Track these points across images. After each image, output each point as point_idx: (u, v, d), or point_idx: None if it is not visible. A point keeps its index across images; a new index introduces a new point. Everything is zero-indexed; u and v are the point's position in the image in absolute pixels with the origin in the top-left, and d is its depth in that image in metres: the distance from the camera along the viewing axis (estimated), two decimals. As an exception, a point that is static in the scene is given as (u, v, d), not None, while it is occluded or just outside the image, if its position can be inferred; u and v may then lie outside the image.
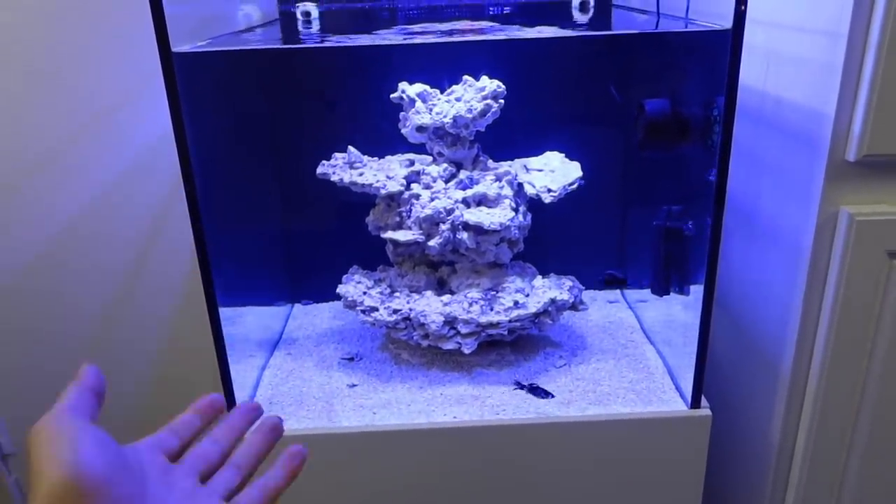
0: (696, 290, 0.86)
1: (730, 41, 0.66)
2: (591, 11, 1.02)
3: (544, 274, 0.94)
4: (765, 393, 0.87)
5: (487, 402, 0.84)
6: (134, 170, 1.09)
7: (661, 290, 0.88)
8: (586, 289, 0.95)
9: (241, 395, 0.81)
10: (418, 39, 0.90)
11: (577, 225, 1.03)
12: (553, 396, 0.84)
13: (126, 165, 1.09)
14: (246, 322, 0.96)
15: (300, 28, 1.00)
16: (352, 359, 0.94)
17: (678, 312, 0.97)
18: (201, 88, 0.80)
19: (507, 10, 1.07)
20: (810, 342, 0.80)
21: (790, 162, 0.79)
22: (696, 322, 0.80)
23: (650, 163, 0.93)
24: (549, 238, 1.00)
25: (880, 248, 0.73)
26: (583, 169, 0.89)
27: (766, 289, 0.86)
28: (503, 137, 0.92)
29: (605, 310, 1.06)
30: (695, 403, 0.81)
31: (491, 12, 1.08)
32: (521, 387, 0.86)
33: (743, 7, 0.64)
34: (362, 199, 0.92)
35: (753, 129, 0.86)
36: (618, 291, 1.11)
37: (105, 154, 1.07)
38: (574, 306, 0.91)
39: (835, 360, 0.78)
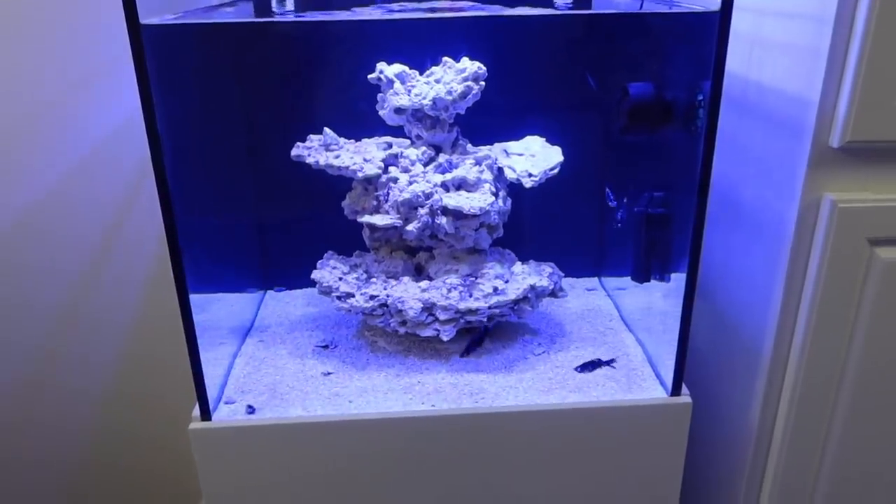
0: (677, 278, 0.86)
1: (717, 24, 0.65)
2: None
3: (523, 260, 0.92)
4: (744, 380, 0.87)
5: (465, 389, 0.82)
6: (95, 154, 1.05)
7: (641, 277, 0.87)
8: (565, 276, 0.94)
9: (211, 383, 0.78)
10: (397, 15, 0.88)
11: (555, 211, 1.01)
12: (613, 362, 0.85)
13: (87, 150, 1.04)
14: (216, 309, 0.93)
15: (274, 6, 0.96)
16: (326, 346, 0.92)
17: (657, 300, 0.97)
18: (170, 65, 0.77)
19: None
20: (790, 329, 0.80)
21: (773, 148, 0.79)
22: (676, 310, 0.79)
23: (631, 148, 0.92)
24: (528, 224, 0.99)
25: (862, 236, 0.73)
26: (563, 154, 0.88)
27: (747, 275, 0.86)
28: (482, 121, 0.90)
29: (583, 297, 1.05)
30: (675, 391, 0.80)
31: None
32: (592, 366, 0.85)
33: (731, -12, 0.63)
34: (336, 184, 0.89)
35: (736, 115, 0.86)
36: (596, 279, 1.10)
37: (64, 137, 1.03)
38: (553, 293, 0.90)
39: (814, 347, 0.78)
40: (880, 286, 0.75)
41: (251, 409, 0.79)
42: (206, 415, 0.77)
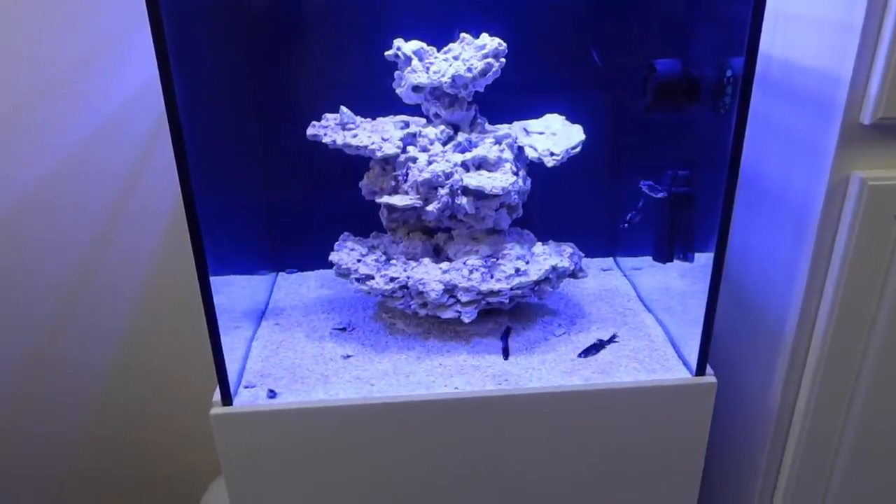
0: (700, 258, 0.85)
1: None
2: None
3: (542, 241, 0.91)
4: (766, 359, 0.87)
5: (489, 371, 0.81)
6: (100, 132, 1.02)
7: (664, 257, 0.86)
8: (584, 256, 0.93)
9: (231, 368, 0.77)
10: (414, -7, 0.86)
11: (574, 190, 1.00)
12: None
13: (93, 127, 1.02)
14: (229, 292, 0.92)
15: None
16: (344, 329, 0.91)
17: (674, 280, 0.96)
18: (187, 42, 0.75)
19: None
20: (814, 308, 0.80)
21: (800, 126, 0.78)
22: (695, 290, 0.78)
23: (655, 126, 0.91)
24: (546, 203, 0.98)
25: (890, 214, 0.73)
26: (584, 132, 0.86)
27: (771, 254, 0.85)
28: (500, 98, 0.88)
29: (599, 278, 1.04)
30: (700, 371, 0.80)
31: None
32: (594, 349, 0.83)
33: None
34: (348, 164, 0.88)
35: (760, 93, 0.84)
36: (611, 259, 1.09)
37: (72, 115, 1.00)
38: (574, 273, 0.89)
39: (838, 327, 0.78)
40: (907, 265, 0.75)
41: (272, 394, 0.78)
42: (227, 399, 0.76)
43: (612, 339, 0.85)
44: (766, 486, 0.91)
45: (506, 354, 0.83)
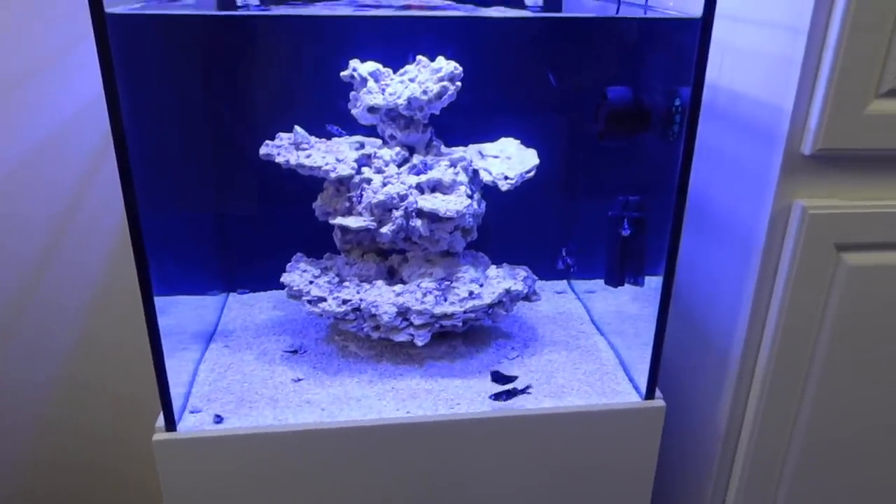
0: (651, 282, 0.86)
1: (698, 30, 0.65)
2: (543, -4, 1.00)
3: (497, 264, 0.92)
4: (713, 381, 0.89)
5: (441, 395, 0.81)
6: (49, 143, 0.99)
7: (615, 280, 0.87)
8: (538, 279, 0.93)
9: (176, 391, 0.74)
10: (370, 13, 0.86)
11: (529, 213, 1.01)
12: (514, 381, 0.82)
13: (40, 137, 0.99)
14: (178, 312, 0.89)
15: (238, -2, 0.93)
16: (295, 351, 0.89)
17: (627, 304, 0.98)
18: (134, 56, 0.73)
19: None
20: (759, 332, 0.81)
21: (745, 155, 0.80)
22: (647, 313, 0.79)
23: (607, 152, 0.92)
24: (501, 226, 0.98)
25: (829, 241, 0.75)
26: (538, 156, 0.87)
27: (718, 280, 0.87)
28: (455, 121, 0.89)
29: (553, 300, 1.05)
30: (649, 395, 0.81)
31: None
32: (507, 395, 0.82)
33: (714, -5, 0.63)
34: (303, 183, 0.87)
35: (708, 122, 0.87)
36: (565, 282, 1.10)
37: (18, 123, 0.97)
38: (528, 297, 0.90)
39: (782, 349, 0.80)
40: (846, 290, 0.77)
41: (219, 419, 0.76)
42: (171, 425, 0.73)
43: (525, 390, 0.82)
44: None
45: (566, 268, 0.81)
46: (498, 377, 0.84)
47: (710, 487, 0.91)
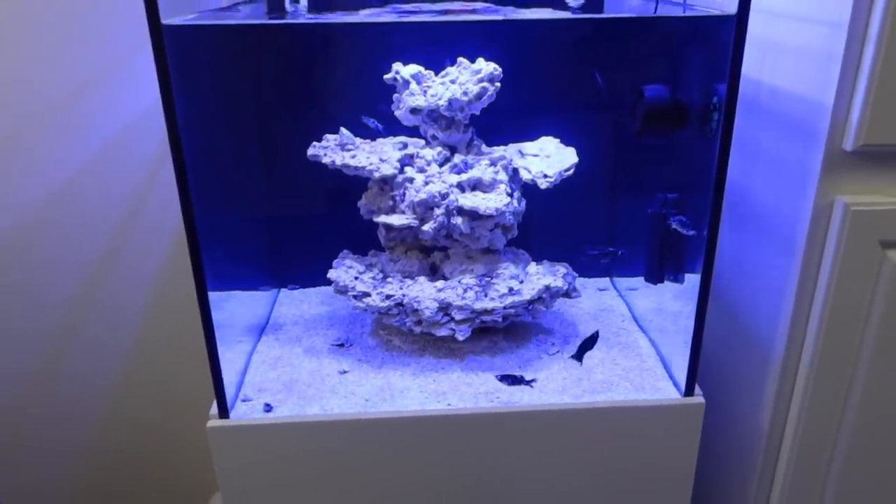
0: (691, 279, 0.86)
1: (733, 27, 0.66)
2: (584, -4, 1.01)
3: (537, 261, 0.93)
4: (755, 381, 0.88)
5: (481, 389, 0.83)
6: (107, 151, 1.06)
7: (655, 278, 0.87)
8: (577, 276, 0.94)
9: (229, 381, 0.79)
10: (412, 18, 0.89)
11: (569, 211, 1.02)
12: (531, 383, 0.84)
13: (99, 146, 1.05)
14: (232, 307, 0.94)
15: (288, 5, 0.97)
16: (342, 345, 0.93)
17: (669, 301, 0.98)
18: (188, 64, 0.78)
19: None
20: (802, 331, 0.81)
21: (786, 151, 0.79)
22: (689, 310, 0.80)
23: (646, 150, 0.93)
24: (542, 224, 1.00)
25: (874, 238, 0.74)
26: (578, 155, 0.88)
27: (759, 278, 0.86)
28: (496, 122, 0.91)
29: (595, 297, 1.05)
30: (688, 391, 0.81)
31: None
32: (507, 380, 0.84)
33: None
34: (349, 183, 0.90)
35: (749, 118, 0.86)
36: (607, 279, 1.11)
37: (77, 133, 1.04)
38: (567, 293, 0.91)
39: (825, 350, 0.79)
40: (891, 288, 0.76)
41: (269, 407, 0.80)
42: (224, 413, 0.78)
43: (529, 382, 0.84)
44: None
45: (580, 358, 0.85)
46: (504, 378, 0.85)
47: (753, 485, 0.91)
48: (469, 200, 0.84)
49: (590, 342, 0.82)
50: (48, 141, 1.04)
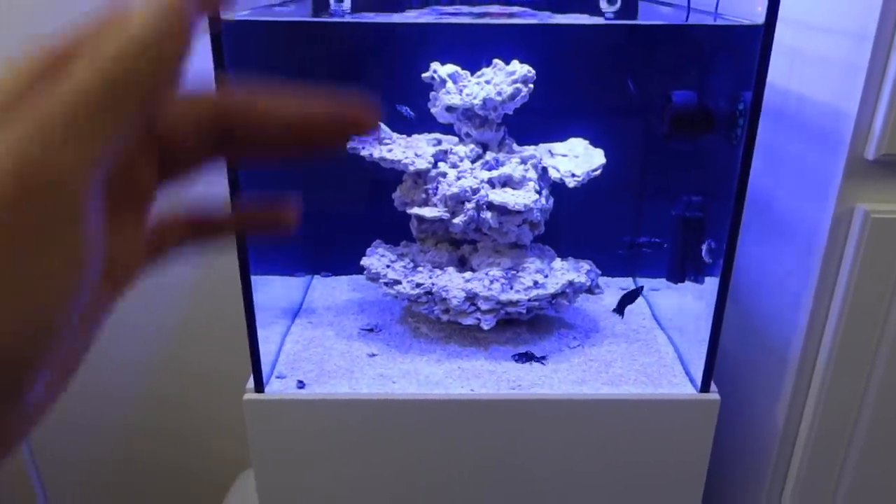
0: (711, 280, 0.89)
1: (760, 36, 0.68)
2: (619, 3, 1.04)
3: (562, 257, 0.96)
4: (771, 382, 0.90)
5: (504, 377, 0.87)
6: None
7: (676, 277, 0.90)
8: (601, 274, 0.97)
9: (265, 359, 0.83)
10: (451, 20, 0.92)
11: (595, 211, 1.05)
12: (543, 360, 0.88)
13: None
14: (268, 290, 0.99)
15: (332, 3, 1.01)
16: (371, 330, 0.97)
17: (689, 301, 1.00)
18: (238, 57, 0.82)
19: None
20: (818, 336, 0.83)
21: (809, 158, 0.82)
22: (708, 310, 0.82)
23: (671, 153, 0.95)
24: (568, 222, 1.03)
25: (893, 246, 0.76)
26: (605, 156, 0.92)
27: (778, 281, 0.89)
28: (528, 121, 0.94)
29: (617, 295, 1.08)
30: (704, 387, 0.83)
31: (520, -1, 1.09)
32: (522, 358, 0.89)
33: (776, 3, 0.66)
34: (384, 176, 0.94)
35: (773, 125, 0.88)
36: (629, 279, 1.13)
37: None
38: (590, 289, 0.94)
39: (841, 355, 0.81)
40: (910, 295, 0.78)
41: (301, 384, 0.84)
42: (259, 387, 0.83)
43: (541, 359, 0.89)
44: (770, 501, 0.94)
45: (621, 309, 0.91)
46: (519, 357, 0.90)
47: (766, 481, 0.93)
48: (499, 196, 0.87)
49: (631, 296, 0.86)
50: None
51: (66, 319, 0.18)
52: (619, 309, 0.88)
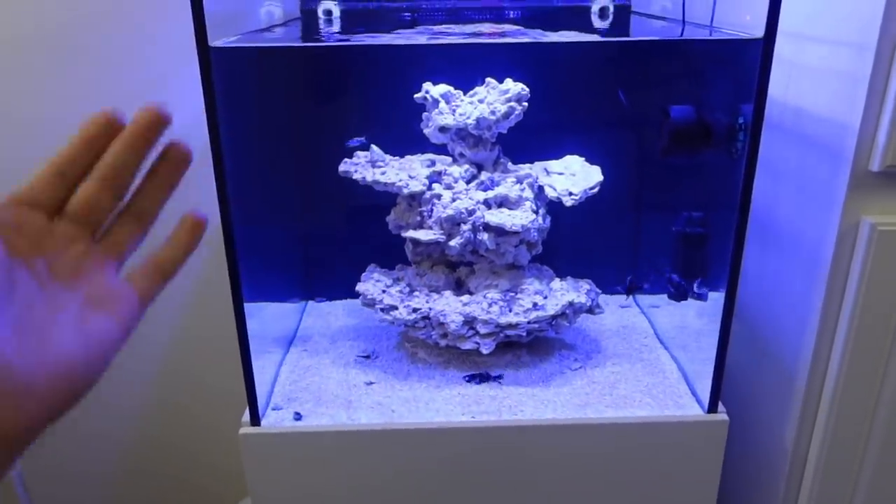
0: (714, 296, 0.87)
1: (760, 50, 0.67)
2: (611, 17, 1.03)
3: (560, 276, 0.94)
4: (779, 400, 0.88)
5: (505, 402, 0.84)
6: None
7: (679, 295, 0.88)
8: (601, 293, 0.95)
9: (260, 390, 0.81)
10: (444, 40, 0.91)
11: (592, 228, 1.03)
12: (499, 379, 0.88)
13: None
14: (261, 318, 0.97)
15: (321, 26, 1.00)
16: (368, 356, 0.94)
17: (691, 318, 0.98)
18: (228, 84, 0.81)
19: (519, 13, 1.08)
20: (826, 351, 0.81)
21: (811, 172, 0.80)
22: (712, 328, 0.80)
23: (670, 169, 0.94)
24: (565, 241, 1.01)
25: (900, 259, 0.74)
26: (602, 173, 0.90)
27: (784, 297, 0.87)
28: (522, 140, 0.93)
29: (617, 314, 1.06)
30: (712, 408, 0.81)
31: (510, 16, 1.08)
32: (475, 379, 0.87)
33: (775, 17, 0.65)
34: (377, 199, 0.92)
35: (773, 139, 0.87)
36: (629, 297, 1.11)
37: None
38: (591, 310, 0.92)
39: (851, 370, 0.79)
40: (919, 309, 0.76)
41: (298, 416, 0.82)
42: (255, 420, 0.80)
43: (497, 378, 0.87)
44: (781, 527, 0.91)
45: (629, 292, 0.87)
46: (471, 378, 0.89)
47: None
48: (495, 217, 0.85)
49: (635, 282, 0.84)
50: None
51: None
52: (627, 291, 0.86)
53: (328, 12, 1.02)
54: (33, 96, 1.04)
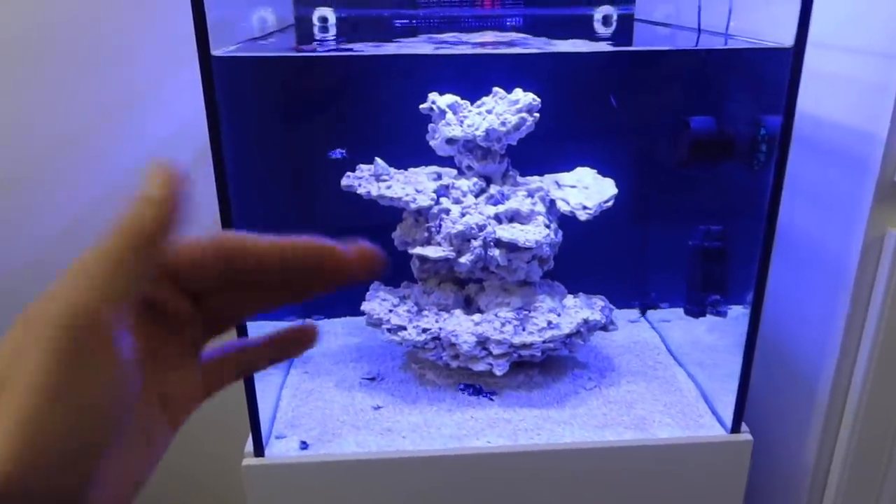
0: (732, 312, 0.85)
1: (786, 60, 0.65)
2: (614, 25, 1.01)
3: (572, 291, 0.91)
4: (800, 417, 0.86)
5: (520, 425, 0.81)
6: (133, 176, 1.04)
7: (696, 311, 0.86)
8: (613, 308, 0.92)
9: (262, 417, 0.76)
10: (449, 50, 0.88)
11: (603, 241, 1.00)
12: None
13: (132, 165, 1.04)
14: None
15: (316, 34, 0.96)
16: (373, 378, 0.90)
17: (703, 334, 0.96)
18: (228, 93, 0.76)
19: (520, 20, 1.05)
20: (850, 366, 0.79)
21: (834, 183, 0.78)
22: (725, 344, 0.78)
23: (685, 181, 0.91)
24: (575, 254, 0.98)
25: (927, 272, 0.73)
26: (615, 185, 0.87)
27: (805, 310, 0.85)
28: (530, 151, 0.89)
29: (626, 329, 1.03)
30: (735, 428, 0.79)
31: (510, 23, 1.06)
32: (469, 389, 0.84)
33: (805, 27, 0.62)
34: (379, 212, 0.88)
35: (795, 149, 0.85)
36: (637, 310, 1.09)
37: (112, 151, 1.02)
38: (605, 327, 0.89)
39: (874, 386, 0.77)
40: (945, 323, 0.74)
41: (304, 445, 0.77)
42: (259, 450, 0.75)
43: (490, 394, 0.85)
44: (802, 547, 0.89)
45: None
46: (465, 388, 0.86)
47: (797, 526, 0.88)
48: (507, 232, 0.82)
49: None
50: (94, 150, 1.01)
51: (108, 436, 0.21)
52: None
53: (324, 19, 0.98)
54: (32, 97, 0.99)
